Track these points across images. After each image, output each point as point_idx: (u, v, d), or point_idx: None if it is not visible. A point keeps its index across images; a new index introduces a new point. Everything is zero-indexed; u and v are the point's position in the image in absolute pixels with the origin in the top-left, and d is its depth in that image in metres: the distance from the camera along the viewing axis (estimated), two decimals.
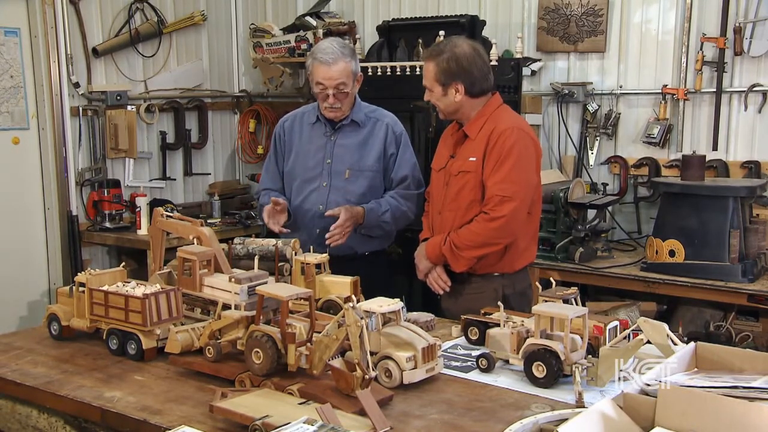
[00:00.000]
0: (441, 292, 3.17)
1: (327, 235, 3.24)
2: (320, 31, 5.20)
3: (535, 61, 4.85)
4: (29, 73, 5.02)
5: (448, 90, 3.04)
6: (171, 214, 2.78)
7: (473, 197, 3.03)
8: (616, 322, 2.35)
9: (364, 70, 4.43)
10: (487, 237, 2.98)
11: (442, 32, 4.44)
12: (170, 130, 5.78)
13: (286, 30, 5.54)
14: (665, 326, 2.20)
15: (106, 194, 5.17)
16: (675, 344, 2.17)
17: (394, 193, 3.46)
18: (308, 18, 5.42)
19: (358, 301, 2.46)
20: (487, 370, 2.30)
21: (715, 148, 4.40)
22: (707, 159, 4.13)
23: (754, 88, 4.28)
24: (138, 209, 5.06)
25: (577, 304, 2.33)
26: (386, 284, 3.40)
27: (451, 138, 3.21)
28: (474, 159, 3.03)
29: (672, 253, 3.84)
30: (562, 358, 2.13)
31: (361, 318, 1.96)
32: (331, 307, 2.71)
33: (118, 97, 5.25)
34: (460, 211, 3.07)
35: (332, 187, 3.42)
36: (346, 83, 3.32)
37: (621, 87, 4.71)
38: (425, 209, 3.38)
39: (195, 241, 2.65)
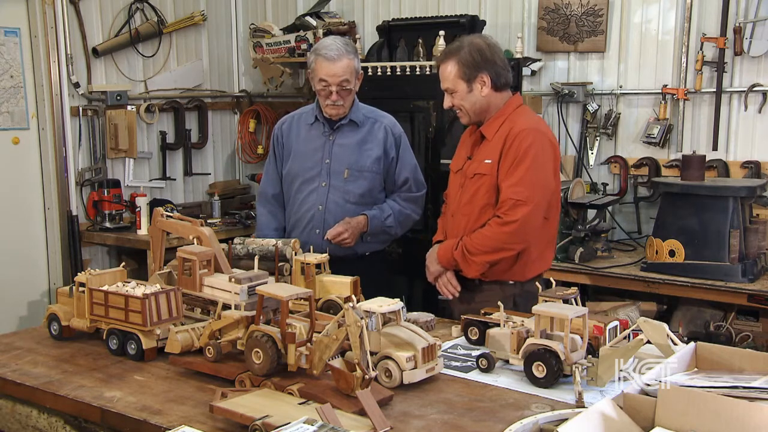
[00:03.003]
0: (450, 297, 3.09)
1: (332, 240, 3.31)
2: (320, 31, 5.19)
3: (535, 61, 4.85)
4: (29, 73, 5.02)
5: (474, 85, 2.93)
6: (171, 214, 2.78)
7: (487, 201, 2.94)
8: (616, 322, 2.35)
9: (365, 70, 4.43)
10: (500, 242, 2.87)
11: (442, 32, 4.44)
12: (170, 130, 5.78)
13: (286, 30, 5.54)
14: (665, 326, 2.20)
15: (106, 194, 5.17)
16: (675, 344, 2.18)
17: (396, 197, 3.46)
18: (308, 18, 5.42)
19: (358, 301, 2.46)
20: (487, 370, 2.30)
21: (715, 148, 4.40)
22: (707, 159, 4.14)
23: (754, 88, 4.27)
24: (138, 209, 5.06)
25: (577, 304, 2.33)
26: (386, 284, 3.40)
27: (469, 139, 3.11)
28: (489, 161, 2.93)
29: (672, 253, 3.84)
30: (562, 358, 2.13)
31: (361, 318, 1.96)
32: (331, 307, 2.71)
33: (118, 97, 5.25)
34: (473, 215, 2.98)
35: (331, 187, 3.41)
36: (350, 80, 3.30)
37: (621, 87, 4.71)
38: (442, 211, 3.28)
39: (195, 241, 2.65)
